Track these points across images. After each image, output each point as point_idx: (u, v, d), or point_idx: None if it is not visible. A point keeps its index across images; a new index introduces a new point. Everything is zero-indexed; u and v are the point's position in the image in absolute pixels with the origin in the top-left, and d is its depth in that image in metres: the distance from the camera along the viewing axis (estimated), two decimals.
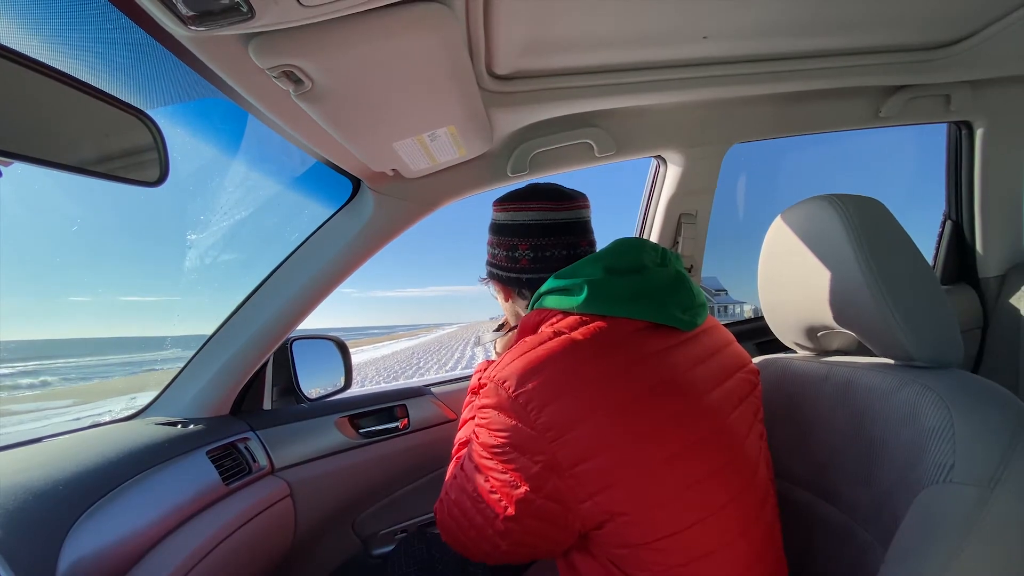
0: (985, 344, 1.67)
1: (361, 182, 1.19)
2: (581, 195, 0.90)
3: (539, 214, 0.86)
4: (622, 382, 0.64)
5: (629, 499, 0.61)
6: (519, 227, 0.87)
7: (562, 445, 0.61)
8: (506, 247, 0.89)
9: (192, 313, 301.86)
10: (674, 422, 0.63)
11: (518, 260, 0.87)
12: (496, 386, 0.67)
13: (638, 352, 0.67)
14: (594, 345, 0.67)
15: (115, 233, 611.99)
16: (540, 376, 0.64)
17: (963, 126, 1.60)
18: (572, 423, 0.61)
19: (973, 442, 0.56)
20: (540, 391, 0.63)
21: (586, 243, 0.88)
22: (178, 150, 0.74)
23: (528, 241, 0.86)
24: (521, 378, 0.65)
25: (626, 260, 0.75)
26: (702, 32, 0.96)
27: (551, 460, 0.62)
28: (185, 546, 0.89)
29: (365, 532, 1.42)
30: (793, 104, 1.36)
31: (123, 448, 0.95)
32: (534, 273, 0.86)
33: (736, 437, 0.68)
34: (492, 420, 0.67)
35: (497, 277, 0.92)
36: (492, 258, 0.93)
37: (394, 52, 0.70)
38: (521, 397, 0.64)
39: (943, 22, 1.10)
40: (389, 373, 25.19)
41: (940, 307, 0.71)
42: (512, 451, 0.65)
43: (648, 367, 0.66)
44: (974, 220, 1.67)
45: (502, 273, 0.90)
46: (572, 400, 0.62)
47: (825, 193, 0.79)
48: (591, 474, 0.61)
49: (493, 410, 0.68)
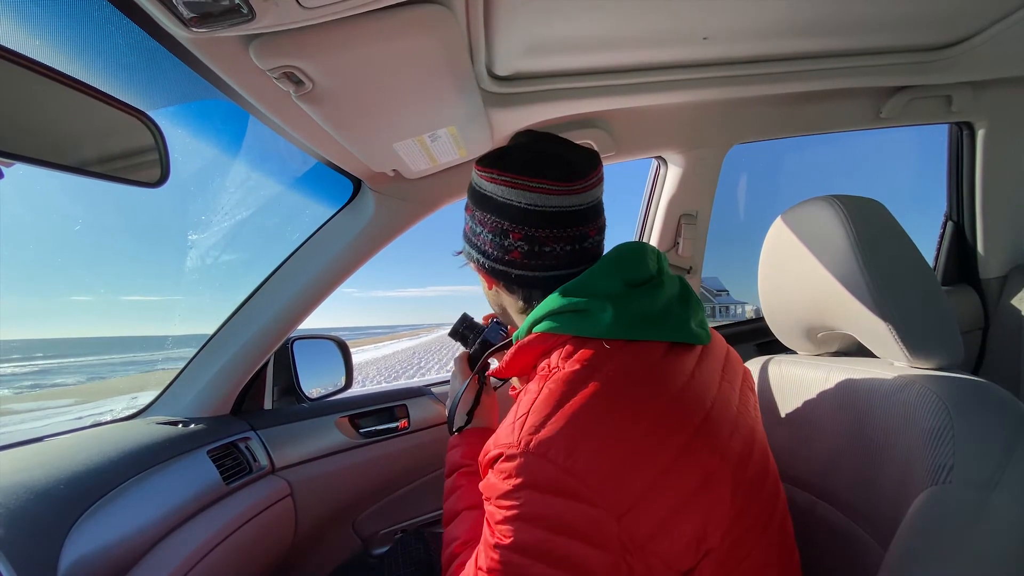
0: (986, 345, 1.66)
1: (362, 182, 1.20)
2: (595, 161, 0.69)
3: (540, 197, 0.65)
4: (675, 425, 0.53)
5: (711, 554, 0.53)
6: (512, 210, 0.66)
7: (636, 519, 0.49)
8: (493, 229, 0.68)
9: (193, 313, 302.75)
10: (722, 455, 0.55)
11: (508, 250, 0.68)
12: (534, 457, 0.51)
13: (675, 383, 0.57)
14: (639, 383, 0.56)
15: (117, 234, 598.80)
16: (592, 433, 0.51)
17: (964, 127, 1.60)
18: (643, 489, 0.50)
19: (972, 444, 0.56)
20: (598, 454, 0.50)
21: (595, 231, 0.69)
22: (179, 151, 0.74)
23: (523, 230, 0.66)
24: (570, 439, 0.51)
25: (640, 270, 0.65)
26: (702, 33, 0.95)
27: (627, 540, 0.49)
28: (186, 545, 0.89)
29: (365, 532, 1.42)
30: (793, 105, 1.36)
31: (124, 447, 0.95)
32: (528, 271, 0.68)
33: (762, 448, 0.65)
34: (529, 507, 0.51)
35: (479, 263, 0.73)
36: (473, 236, 0.72)
37: (394, 53, 0.70)
38: (576, 465, 0.49)
39: (944, 23, 1.10)
40: (390, 373, 25.16)
41: (940, 309, 0.71)
42: (569, 541, 0.49)
43: (689, 398, 0.57)
44: (975, 221, 1.67)
45: (486, 261, 0.71)
46: (636, 459, 0.51)
47: (824, 194, 0.79)
48: (671, 542, 0.51)
49: (530, 491, 0.51)
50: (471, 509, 0.75)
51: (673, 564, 0.51)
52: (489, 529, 0.55)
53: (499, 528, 0.53)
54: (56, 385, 79.72)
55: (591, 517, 0.49)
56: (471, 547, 0.65)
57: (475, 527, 0.70)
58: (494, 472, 0.55)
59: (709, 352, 0.67)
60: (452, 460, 0.85)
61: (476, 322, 0.99)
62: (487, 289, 0.78)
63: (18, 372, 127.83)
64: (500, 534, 0.53)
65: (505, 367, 0.68)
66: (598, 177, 0.69)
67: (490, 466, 0.57)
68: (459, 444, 0.87)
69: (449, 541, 0.72)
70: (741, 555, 0.56)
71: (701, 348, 0.66)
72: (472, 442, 0.86)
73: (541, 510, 0.50)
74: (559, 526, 0.50)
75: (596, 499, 0.49)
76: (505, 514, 0.52)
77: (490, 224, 0.68)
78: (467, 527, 0.72)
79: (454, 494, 0.79)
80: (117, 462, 0.90)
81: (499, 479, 0.54)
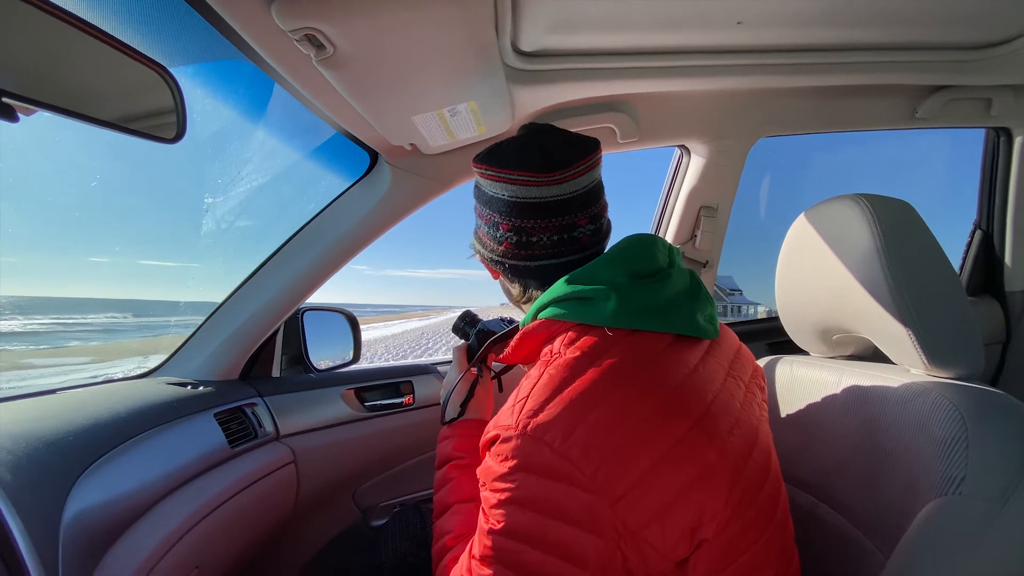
0: (1006, 359, 1.63)
1: (379, 155, 1.19)
2: (582, 154, 0.68)
3: (521, 189, 0.67)
4: (673, 416, 0.53)
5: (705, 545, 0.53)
6: (499, 202, 0.69)
7: (630, 506, 0.50)
8: (487, 222, 0.72)
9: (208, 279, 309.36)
10: (720, 450, 0.54)
11: (500, 241, 0.71)
12: (531, 440, 0.51)
13: (676, 374, 0.57)
14: (640, 371, 0.56)
15: (136, 196, 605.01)
16: (590, 419, 0.51)
17: (1002, 132, 1.54)
18: (639, 477, 0.50)
19: (987, 456, 0.54)
20: (594, 439, 0.50)
21: (586, 220, 0.70)
22: (197, 111, 0.73)
23: (511, 222, 0.69)
24: (567, 424, 0.51)
25: (647, 262, 0.65)
26: (737, 17, 0.92)
27: (621, 527, 0.50)
28: (188, 505, 0.91)
29: (365, 503, 1.44)
30: (826, 99, 1.32)
31: (133, 405, 0.96)
32: (519, 260, 0.70)
33: (765, 447, 0.63)
34: (524, 490, 0.51)
35: (480, 255, 0.77)
36: (476, 229, 0.77)
37: (419, 21, 0.69)
38: (572, 450, 0.50)
39: (988, 21, 1.05)
40: (398, 351, 25.46)
41: (964, 318, 0.69)
42: (563, 526, 0.50)
43: (690, 391, 0.57)
44: (1005, 231, 1.62)
45: (484, 251, 0.75)
46: (632, 446, 0.51)
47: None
48: (665, 531, 0.51)
49: (525, 474, 0.51)
50: (463, 502, 0.73)
51: (667, 553, 0.52)
52: (484, 516, 0.55)
53: (493, 513, 0.53)
54: (74, 343, 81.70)
55: (585, 502, 0.49)
56: (464, 540, 0.64)
57: (467, 521, 0.69)
58: (491, 454, 0.56)
59: (717, 347, 0.67)
60: (443, 452, 0.83)
61: (478, 318, 1.00)
62: (493, 278, 0.81)
63: (36, 329, 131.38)
64: (494, 519, 0.53)
65: (511, 352, 0.68)
66: (585, 166, 0.68)
67: (487, 448, 0.58)
68: (450, 436, 0.85)
69: (440, 534, 0.71)
70: (738, 551, 0.55)
71: (708, 343, 0.65)
72: (464, 434, 0.84)
73: (535, 494, 0.51)
74: (553, 510, 0.50)
75: (591, 485, 0.49)
76: (499, 497, 0.53)
77: (485, 217, 0.72)
78: (459, 520, 0.70)
79: (445, 486, 0.77)
80: (126, 418, 0.91)
81: (495, 461, 0.54)
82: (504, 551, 0.52)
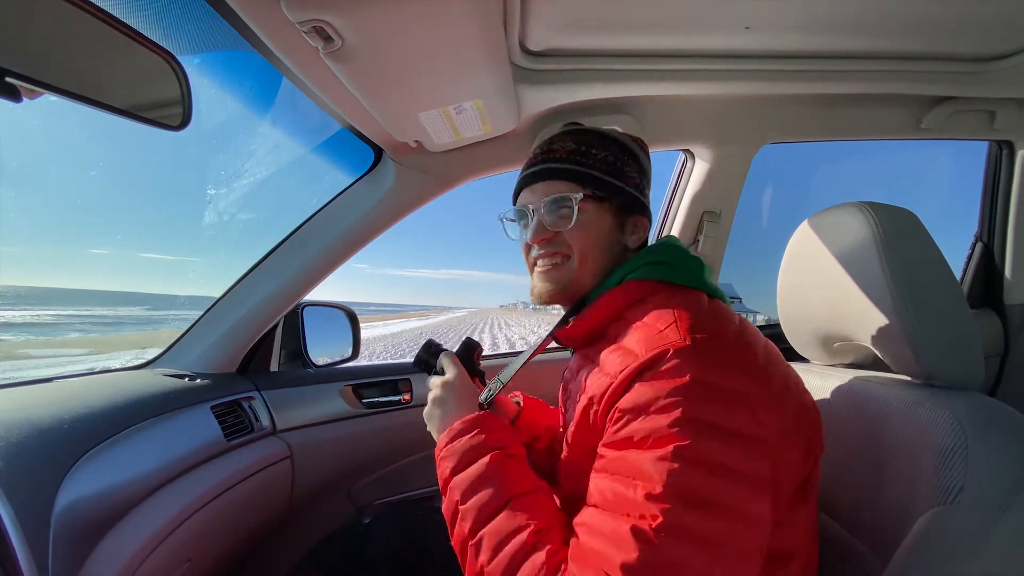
0: (1004, 372, 1.62)
1: (384, 152, 1.19)
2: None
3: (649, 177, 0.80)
4: (778, 358, 0.63)
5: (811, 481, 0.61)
6: (648, 180, 0.80)
7: (778, 418, 0.55)
8: (644, 191, 0.79)
9: (209, 273, 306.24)
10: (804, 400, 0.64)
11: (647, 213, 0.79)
12: (700, 350, 0.54)
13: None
14: (741, 319, 0.65)
15: (136, 190, 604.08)
16: (737, 342, 0.58)
17: (1005, 145, 1.54)
18: (778, 392, 0.57)
19: (987, 467, 0.54)
20: (748, 357, 0.57)
21: None
22: (203, 100, 0.73)
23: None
24: (723, 340, 0.57)
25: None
26: (745, 22, 0.92)
27: (772, 434, 0.54)
28: (182, 497, 0.91)
29: (360, 501, 1.44)
30: (831, 107, 1.32)
31: (130, 395, 0.96)
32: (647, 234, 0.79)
33: None
34: (698, 402, 0.52)
35: (645, 214, 0.78)
36: (643, 193, 0.79)
37: (428, 16, 0.69)
38: (734, 360, 0.56)
39: (995, 34, 1.05)
40: (397, 350, 25.52)
41: (965, 328, 0.69)
42: (741, 414, 0.52)
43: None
44: (1006, 244, 1.62)
45: (646, 205, 0.79)
46: (766, 370, 0.58)
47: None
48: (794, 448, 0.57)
49: (700, 386, 0.52)
50: (525, 495, 0.62)
51: (793, 471, 0.57)
52: (652, 462, 0.51)
53: (673, 445, 0.50)
54: (72, 333, 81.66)
55: (756, 400, 0.53)
56: (552, 532, 0.58)
57: (543, 512, 0.60)
58: (645, 385, 0.54)
59: None
60: (476, 443, 0.67)
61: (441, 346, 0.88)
62: (599, 231, 0.76)
63: (35, 319, 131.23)
64: (673, 456, 0.50)
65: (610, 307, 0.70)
66: None
67: (631, 379, 0.56)
68: (478, 429, 0.69)
69: (511, 531, 0.58)
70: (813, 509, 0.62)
71: None
72: (495, 426, 0.70)
73: (711, 400, 0.52)
74: (732, 401, 0.53)
75: (755, 388, 0.54)
76: (675, 415, 0.51)
77: (646, 186, 0.81)
78: (533, 513, 0.59)
79: (491, 480, 0.63)
80: (122, 408, 0.91)
81: (661, 384, 0.53)
82: (695, 480, 0.49)
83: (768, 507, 0.52)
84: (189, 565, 0.91)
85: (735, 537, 0.49)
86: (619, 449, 0.54)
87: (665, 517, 0.48)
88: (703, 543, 0.48)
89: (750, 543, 0.50)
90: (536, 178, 0.76)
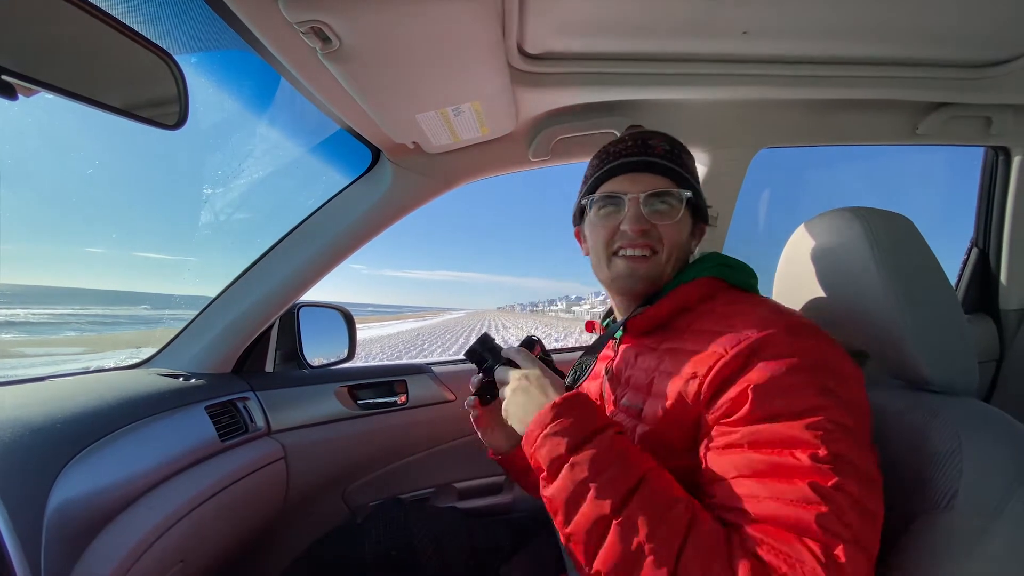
0: (998, 378, 1.63)
1: (381, 153, 1.19)
2: None
3: None
4: None
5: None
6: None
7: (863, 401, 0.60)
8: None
9: (206, 273, 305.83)
10: None
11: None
12: (813, 333, 0.61)
13: None
14: None
15: (132, 190, 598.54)
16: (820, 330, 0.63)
17: (1001, 152, 1.55)
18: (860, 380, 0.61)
19: (981, 472, 0.55)
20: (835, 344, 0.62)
21: None
22: (200, 100, 0.73)
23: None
24: (808, 319, 0.63)
25: None
26: (742, 27, 0.93)
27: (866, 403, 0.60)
28: (175, 497, 0.90)
29: (355, 502, 1.43)
30: (828, 112, 1.32)
31: (124, 395, 0.95)
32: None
33: None
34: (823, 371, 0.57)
35: (706, 221, 0.86)
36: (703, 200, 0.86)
37: (426, 18, 0.69)
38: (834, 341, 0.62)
39: (991, 40, 1.06)
40: (393, 351, 25.48)
41: (959, 333, 0.69)
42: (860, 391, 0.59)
43: None
44: (1001, 250, 1.62)
45: (708, 216, 0.86)
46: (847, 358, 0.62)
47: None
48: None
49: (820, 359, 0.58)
50: (656, 468, 0.60)
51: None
52: (803, 430, 0.53)
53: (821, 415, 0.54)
54: (68, 332, 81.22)
55: (857, 377, 0.59)
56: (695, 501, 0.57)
57: (675, 483, 0.59)
58: (767, 362, 0.57)
59: None
60: (589, 417, 0.62)
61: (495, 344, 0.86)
62: (687, 234, 0.81)
63: (30, 318, 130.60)
64: (824, 424, 0.53)
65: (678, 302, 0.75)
66: None
67: (746, 354, 0.59)
68: (588, 405, 0.65)
69: (664, 504, 0.56)
70: None
71: None
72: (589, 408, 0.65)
73: (831, 375, 0.57)
74: (845, 378, 0.58)
75: (850, 367, 0.59)
76: (811, 388, 0.55)
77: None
78: (671, 485, 0.59)
79: (624, 456, 0.59)
80: (115, 408, 0.90)
81: (784, 362, 0.57)
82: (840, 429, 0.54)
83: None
84: (182, 566, 0.90)
85: (878, 501, 0.54)
86: (758, 423, 0.56)
87: (839, 477, 0.51)
88: (863, 505, 0.51)
89: (882, 507, 0.54)
90: (635, 168, 0.77)
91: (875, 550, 0.51)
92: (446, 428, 1.46)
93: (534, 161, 1.26)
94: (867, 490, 0.52)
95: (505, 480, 1.51)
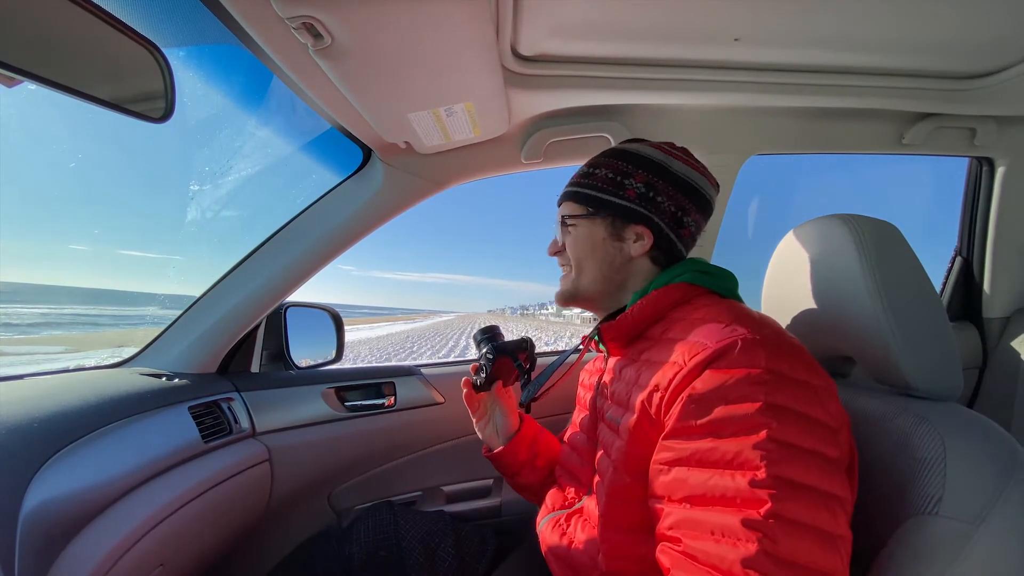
0: (981, 385, 1.65)
1: (372, 152, 1.18)
2: None
3: (710, 189, 0.82)
4: None
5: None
6: (695, 192, 0.80)
7: (839, 409, 0.58)
8: (677, 204, 0.79)
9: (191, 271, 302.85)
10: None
11: (683, 227, 0.79)
12: (769, 342, 0.58)
13: None
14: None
15: (117, 187, 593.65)
16: (790, 340, 0.61)
17: (985, 162, 1.57)
18: (831, 388, 0.59)
19: (965, 477, 0.55)
20: (804, 353, 0.60)
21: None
22: (187, 94, 0.72)
23: (699, 215, 0.81)
24: (779, 328, 0.62)
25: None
26: (734, 34, 0.93)
27: (838, 415, 0.58)
28: (157, 499, 0.88)
29: (340, 506, 1.41)
30: (817, 121, 1.34)
31: (105, 394, 0.93)
32: (687, 250, 0.82)
33: None
34: (777, 390, 0.54)
35: (647, 223, 0.79)
36: (647, 202, 0.79)
37: (419, 16, 0.68)
38: (795, 351, 0.59)
39: (976, 52, 1.07)
40: (382, 354, 25.29)
41: (944, 340, 0.70)
42: (821, 410, 0.55)
43: None
44: (984, 259, 1.65)
45: (663, 227, 0.79)
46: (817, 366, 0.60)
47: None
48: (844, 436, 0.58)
49: (776, 376, 0.55)
50: None
51: (845, 458, 0.56)
52: (750, 449, 0.52)
53: (766, 431, 0.52)
54: (50, 331, 79.69)
55: (820, 391, 0.56)
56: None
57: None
58: (719, 372, 0.56)
59: None
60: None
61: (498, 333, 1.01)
62: (596, 244, 0.82)
63: (11, 316, 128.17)
64: (768, 442, 0.51)
65: (652, 309, 0.74)
66: None
67: (703, 366, 0.58)
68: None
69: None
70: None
71: None
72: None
73: (787, 389, 0.55)
74: (805, 391, 0.56)
75: (816, 380, 0.57)
76: (760, 403, 0.53)
77: (674, 199, 0.79)
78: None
79: None
80: (96, 407, 0.88)
81: (736, 373, 0.55)
82: (799, 465, 0.52)
83: (848, 489, 0.54)
84: (161, 570, 0.88)
85: (837, 522, 0.51)
86: (700, 438, 0.56)
87: (775, 504, 0.49)
88: (814, 529, 0.49)
89: (845, 527, 0.52)
90: (559, 201, 0.89)
91: (832, 567, 0.49)
92: (434, 431, 1.44)
93: (526, 163, 1.26)
94: (818, 510, 0.50)
95: (494, 483, 1.50)
